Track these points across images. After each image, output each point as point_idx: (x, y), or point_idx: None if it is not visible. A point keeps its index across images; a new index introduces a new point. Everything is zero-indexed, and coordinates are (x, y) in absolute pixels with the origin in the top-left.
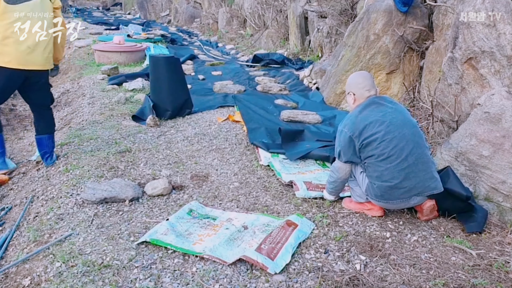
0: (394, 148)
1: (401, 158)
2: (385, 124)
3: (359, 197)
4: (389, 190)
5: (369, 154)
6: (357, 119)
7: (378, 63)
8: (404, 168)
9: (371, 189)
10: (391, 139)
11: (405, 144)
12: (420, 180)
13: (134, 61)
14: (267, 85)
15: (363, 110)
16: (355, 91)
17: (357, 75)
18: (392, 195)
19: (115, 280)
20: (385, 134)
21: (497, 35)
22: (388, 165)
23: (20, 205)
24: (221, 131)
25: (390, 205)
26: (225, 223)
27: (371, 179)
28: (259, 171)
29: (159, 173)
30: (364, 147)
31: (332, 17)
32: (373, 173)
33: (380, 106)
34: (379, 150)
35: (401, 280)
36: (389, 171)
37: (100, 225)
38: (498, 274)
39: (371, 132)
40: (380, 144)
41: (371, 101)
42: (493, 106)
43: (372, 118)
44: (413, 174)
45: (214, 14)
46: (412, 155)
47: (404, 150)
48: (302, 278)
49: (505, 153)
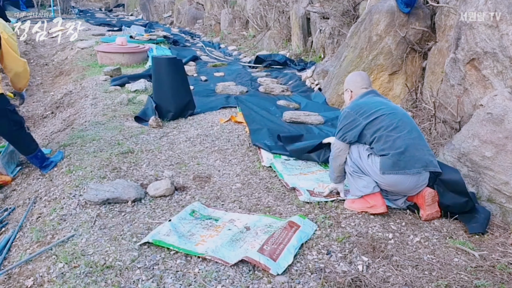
0: (399, 121)
1: (407, 129)
2: (388, 107)
3: (365, 187)
4: (403, 156)
5: (378, 127)
6: (361, 102)
7: (380, 64)
8: (413, 138)
9: (386, 161)
10: (395, 114)
11: (406, 121)
12: (424, 154)
13: (137, 62)
14: (270, 86)
15: (361, 97)
16: (352, 88)
17: (356, 74)
18: (407, 163)
19: (118, 281)
20: (390, 114)
21: (499, 36)
22: (399, 134)
23: (23, 206)
24: (224, 132)
25: (405, 178)
26: (227, 224)
27: (383, 152)
28: (261, 172)
29: (162, 174)
30: (372, 121)
31: (335, 18)
32: (384, 144)
33: (376, 96)
34: (387, 121)
35: (403, 281)
36: (401, 139)
37: (103, 226)
38: (501, 276)
39: (376, 109)
40: (387, 116)
41: (367, 92)
42: (496, 107)
43: (373, 101)
44: (419, 146)
45: (216, 15)
46: (414, 132)
47: (407, 125)
48: (304, 279)
49: (508, 154)
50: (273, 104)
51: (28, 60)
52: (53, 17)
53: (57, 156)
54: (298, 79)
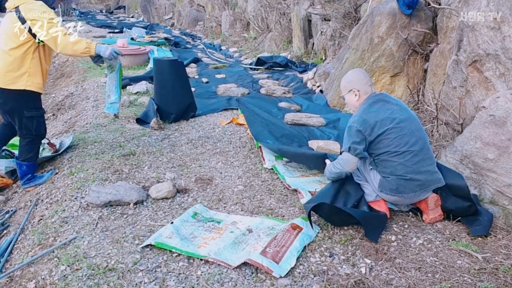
0: (405, 144)
1: (413, 153)
2: (395, 122)
3: (368, 195)
4: (404, 182)
5: (381, 151)
6: (367, 116)
7: (382, 66)
8: (416, 162)
9: (385, 183)
10: (402, 136)
11: (414, 140)
12: (429, 174)
13: (138, 64)
14: (271, 88)
15: (371, 107)
16: (358, 87)
17: (356, 72)
18: (406, 188)
19: (120, 283)
20: (397, 131)
21: (501, 38)
22: (401, 160)
23: (24, 208)
24: (225, 134)
25: (403, 200)
26: (229, 227)
27: (384, 174)
28: (263, 174)
29: (164, 176)
30: (376, 144)
31: (336, 20)
32: (386, 168)
33: (386, 104)
34: (392, 147)
35: (406, 284)
36: (402, 166)
37: (105, 228)
38: (505, 278)
39: (383, 129)
40: (393, 141)
41: (377, 99)
42: (498, 109)
43: (382, 116)
44: (423, 168)
45: (217, 17)
46: (421, 151)
47: (414, 146)
48: (307, 282)
49: (510, 156)
50: (275, 106)
51: None
52: None
53: (44, 177)
54: (299, 81)
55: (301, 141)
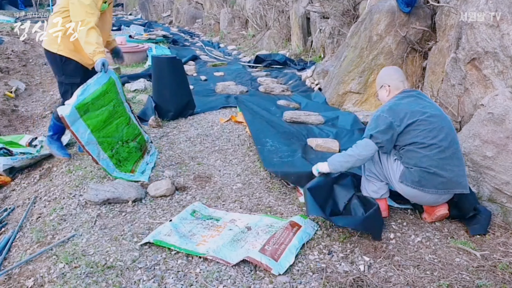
0: (434, 138)
1: (440, 148)
2: (426, 115)
3: (374, 192)
4: (427, 175)
5: (408, 142)
6: (398, 107)
7: (381, 64)
8: (442, 158)
9: (408, 174)
10: (431, 129)
11: (444, 136)
12: (455, 175)
13: (136, 62)
14: (270, 86)
15: (402, 100)
16: (390, 83)
17: (389, 68)
18: (428, 182)
19: (119, 281)
20: (427, 123)
21: (500, 36)
22: (427, 153)
23: (22, 206)
24: (224, 132)
25: (422, 195)
26: (228, 224)
27: (408, 165)
28: (262, 172)
29: (162, 174)
30: (404, 135)
31: (335, 17)
32: (410, 159)
33: (418, 99)
34: (420, 138)
35: (405, 281)
36: (427, 158)
37: (103, 226)
38: (503, 275)
39: (412, 120)
40: (421, 132)
41: (409, 94)
42: (497, 106)
43: (413, 108)
44: (449, 166)
45: (215, 15)
46: (450, 148)
47: (443, 141)
48: (306, 279)
49: (509, 154)
50: (273, 104)
51: (27, 60)
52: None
53: (62, 151)
54: (298, 79)
55: (299, 139)
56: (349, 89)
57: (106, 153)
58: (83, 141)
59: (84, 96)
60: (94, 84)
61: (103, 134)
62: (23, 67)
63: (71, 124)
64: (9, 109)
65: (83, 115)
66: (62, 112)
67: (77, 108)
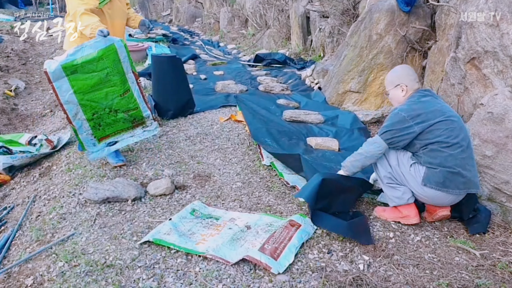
0: (456, 137)
1: (462, 148)
2: (446, 115)
3: (399, 199)
4: (451, 176)
5: (431, 141)
6: (417, 105)
7: (380, 63)
8: (464, 157)
9: (431, 176)
10: (453, 128)
11: (463, 136)
12: (473, 175)
13: (136, 61)
14: (269, 85)
15: (420, 99)
16: (406, 83)
17: (403, 67)
18: (452, 183)
19: (118, 280)
20: (448, 123)
21: (500, 35)
22: (452, 152)
23: (22, 205)
24: (223, 131)
25: (446, 196)
26: (228, 223)
27: (432, 165)
28: (262, 171)
29: (162, 172)
30: (425, 134)
31: (334, 16)
32: (434, 159)
33: (435, 99)
34: (443, 137)
35: (404, 280)
36: (452, 157)
37: (103, 224)
38: (502, 275)
39: (434, 121)
40: (444, 132)
41: (425, 94)
42: (497, 106)
43: (432, 107)
44: (468, 166)
45: (215, 14)
46: (468, 148)
47: (463, 141)
48: (305, 278)
49: (508, 153)
50: (273, 103)
51: (27, 59)
52: (51, 15)
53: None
54: (297, 78)
55: (299, 138)
56: (348, 88)
57: (85, 115)
58: (62, 99)
59: (75, 57)
60: (89, 47)
61: (88, 98)
62: (23, 66)
63: (54, 80)
64: (8, 107)
65: (69, 75)
66: (47, 66)
67: (64, 67)
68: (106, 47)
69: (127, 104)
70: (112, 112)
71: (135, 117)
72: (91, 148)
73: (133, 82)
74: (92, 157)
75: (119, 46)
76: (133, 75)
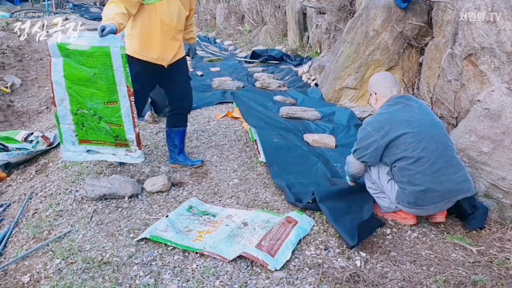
0: (423, 150)
1: (431, 160)
2: (413, 125)
3: (388, 208)
4: (422, 195)
5: (397, 157)
6: (383, 117)
7: (377, 60)
8: (435, 170)
9: (403, 196)
10: (420, 140)
11: (435, 146)
12: (453, 184)
13: None
14: (266, 81)
15: (388, 109)
16: (376, 90)
17: (378, 75)
18: (425, 200)
19: (115, 277)
20: (414, 135)
21: (497, 31)
22: (419, 168)
23: (18, 202)
24: (220, 128)
25: (423, 212)
26: (225, 220)
27: (402, 185)
28: (259, 167)
29: (158, 169)
30: (391, 148)
31: (331, 13)
32: (403, 178)
33: (406, 106)
34: (409, 152)
35: (401, 277)
36: (420, 174)
37: (100, 221)
38: (499, 271)
39: (399, 133)
40: (410, 145)
41: (396, 101)
42: (493, 102)
43: (399, 119)
44: (445, 177)
45: (212, 10)
46: (442, 157)
47: (434, 152)
48: (302, 275)
49: (505, 150)
50: (270, 99)
51: (22, 55)
52: (47, 11)
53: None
54: (294, 74)
55: (296, 134)
56: (345, 84)
57: (70, 106)
58: (53, 77)
59: (69, 41)
60: (85, 38)
61: (75, 89)
62: (19, 62)
63: (52, 55)
64: (4, 104)
65: (64, 57)
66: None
67: (59, 46)
68: (100, 46)
69: (110, 115)
70: (96, 117)
71: (118, 134)
72: (69, 145)
73: (124, 97)
74: (66, 156)
75: (115, 52)
76: (127, 90)
